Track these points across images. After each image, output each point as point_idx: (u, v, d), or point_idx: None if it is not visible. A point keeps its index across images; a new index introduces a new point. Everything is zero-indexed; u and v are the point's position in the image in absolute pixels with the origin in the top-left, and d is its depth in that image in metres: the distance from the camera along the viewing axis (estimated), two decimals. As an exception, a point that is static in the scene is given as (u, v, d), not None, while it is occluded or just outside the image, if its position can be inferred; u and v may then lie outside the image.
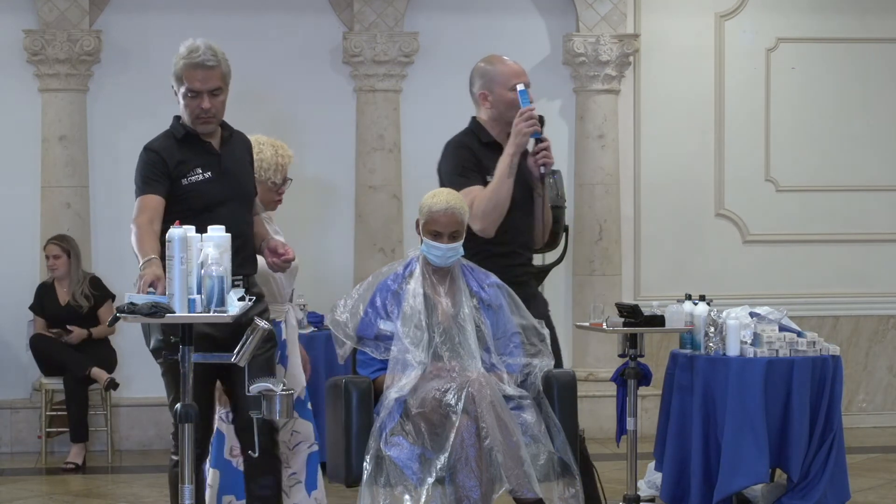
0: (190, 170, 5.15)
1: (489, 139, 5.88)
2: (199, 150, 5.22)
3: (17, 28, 9.35)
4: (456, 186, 5.65)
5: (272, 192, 5.76)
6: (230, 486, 5.63)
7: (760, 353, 6.99)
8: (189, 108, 5.19)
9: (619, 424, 6.92)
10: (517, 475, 5.13)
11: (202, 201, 5.13)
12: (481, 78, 5.88)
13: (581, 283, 9.80)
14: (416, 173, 9.45)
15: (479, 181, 5.74)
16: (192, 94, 5.16)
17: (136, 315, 4.48)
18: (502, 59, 5.93)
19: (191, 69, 5.15)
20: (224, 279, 4.63)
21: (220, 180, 5.20)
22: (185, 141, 5.21)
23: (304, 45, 9.66)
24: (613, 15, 9.82)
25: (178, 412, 4.67)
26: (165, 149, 5.17)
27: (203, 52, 5.16)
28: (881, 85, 10.20)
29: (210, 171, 5.18)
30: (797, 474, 6.99)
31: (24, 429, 9.31)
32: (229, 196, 5.20)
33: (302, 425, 5.76)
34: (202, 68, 5.16)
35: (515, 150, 5.74)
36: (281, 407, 4.86)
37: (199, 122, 5.21)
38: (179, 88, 5.19)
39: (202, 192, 5.15)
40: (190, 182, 5.14)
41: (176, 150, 5.17)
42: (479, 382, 5.23)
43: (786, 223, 10.00)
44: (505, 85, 5.83)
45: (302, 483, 5.70)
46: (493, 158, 5.78)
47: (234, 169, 5.28)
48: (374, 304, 5.52)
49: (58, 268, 8.85)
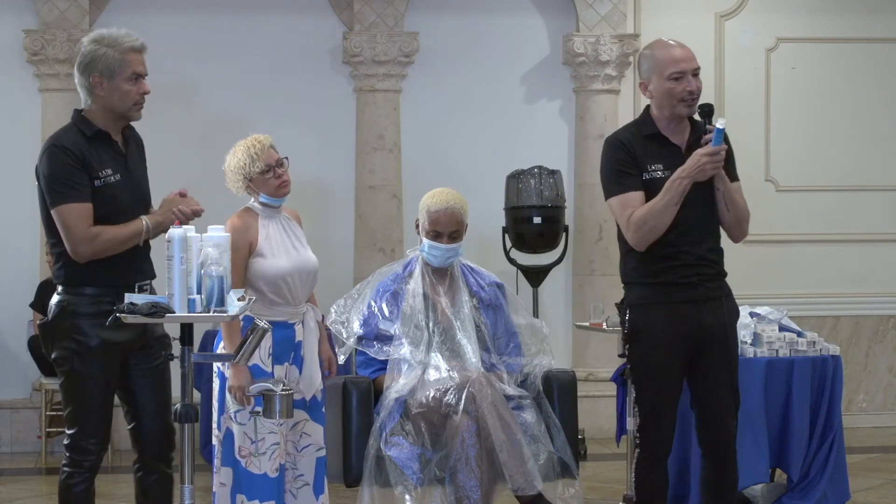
0: (101, 171, 4.93)
1: (653, 131, 5.27)
2: (107, 150, 5.01)
3: (17, 28, 9.36)
4: (611, 193, 5.22)
5: (271, 180, 5.62)
6: (240, 486, 5.63)
7: (760, 353, 6.99)
8: (130, 95, 4.96)
9: (618, 424, 6.91)
10: (521, 473, 5.13)
11: (113, 205, 4.95)
12: (644, 65, 5.27)
13: (581, 283, 9.80)
14: (416, 173, 9.46)
15: (635, 183, 5.19)
16: (135, 79, 4.97)
17: (135, 315, 4.48)
18: (664, 44, 5.27)
19: (135, 52, 4.97)
20: (224, 279, 4.62)
21: (127, 183, 5.02)
22: (94, 139, 4.97)
23: (304, 45, 9.66)
24: (613, 15, 9.82)
25: (179, 412, 4.67)
26: (78, 146, 4.91)
27: (135, 35, 5.01)
28: (881, 85, 10.19)
29: (119, 174, 4.99)
30: (797, 474, 7.00)
31: (24, 429, 9.31)
32: (134, 200, 5.04)
33: (313, 428, 5.65)
34: (143, 51, 5.00)
35: (690, 181, 5.12)
36: (280, 407, 4.86)
37: (136, 108, 5.00)
38: (115, 76, 4.94)
39: (111, 195, 4.95)
40: (102, 183, 4.93)
41: (86, 149, 4.92)
42: (479, 382, 5.23)
43: (786, 223, 10.00)
44: (663, 74, 5.19)
45: (310, 486, 5.67)
46: (656, 153, 5.23)
47: (136, 172, 5.11)
48: (374, 304, 5.51)
49: None
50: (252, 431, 5.51)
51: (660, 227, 5.14)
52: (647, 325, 5.26)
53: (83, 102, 5.07)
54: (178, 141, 9.22)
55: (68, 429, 5.02)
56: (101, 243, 4.89)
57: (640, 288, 5.30)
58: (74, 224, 4.87)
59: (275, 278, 5.53)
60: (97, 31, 5.08)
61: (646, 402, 5.30)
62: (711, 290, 5.27)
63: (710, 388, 5.30)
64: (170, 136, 8.98)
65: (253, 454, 5.51)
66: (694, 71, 5.20)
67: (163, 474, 5.18)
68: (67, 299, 4.96)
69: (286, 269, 5.55)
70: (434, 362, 5.40)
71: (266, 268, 5.54)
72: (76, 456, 4.98)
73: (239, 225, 5.53)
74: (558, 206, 9.21)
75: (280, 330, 5.52)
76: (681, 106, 5.21)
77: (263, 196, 5.61)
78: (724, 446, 5.33)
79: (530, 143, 9.74)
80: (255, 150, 5.58)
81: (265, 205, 5.64)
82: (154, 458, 5.15)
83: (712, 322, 5.24)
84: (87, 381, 4.94)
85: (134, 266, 4.90)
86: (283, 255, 5.59)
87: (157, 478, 5.17)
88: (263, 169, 5.57)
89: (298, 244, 5.69)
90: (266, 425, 5.46)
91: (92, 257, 4.91)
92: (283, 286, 5.56)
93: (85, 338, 4.89)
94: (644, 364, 5.29)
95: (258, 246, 5.55)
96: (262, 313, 5.50)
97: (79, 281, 4.95)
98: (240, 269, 5.49)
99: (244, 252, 5.51)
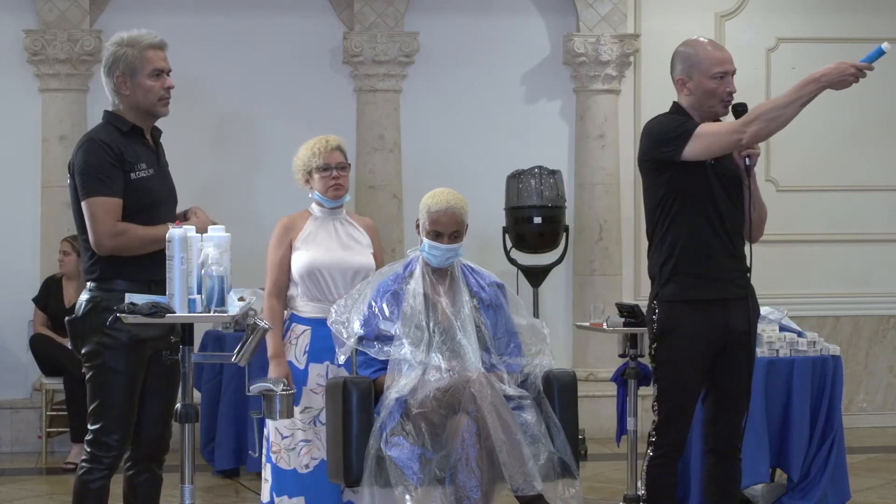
0: (136, 165, 5.03)
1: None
2: (141, 145, 5.11)
3: (17, 28, 9.36)
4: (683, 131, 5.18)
5: (326, 179, 5.78)
6: (275, 481, 5.67)
7: (761, 354, 6.98)
8: (154, 90, 5.05)
9: (619, 424, 6.91)
10: (521, 473, 5.13)
11: (149, 197, 5.05)
12: (682, 62, 5.33)
13: (581, 283, 9.80)
14: (417, 173, 9.46)
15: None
16: (157, 74, 5.05)
17: (136, 315, 4.48)
18: (705, 43, 5.36)
19: (154, 49, 5.06)
20: (224, 279, 4.62)
21: (160, 178, 5.13)
22: (129, 135, 5.07)
23: (304, 45, 9.67)
24: (614, 15, 9.82)
25: (179, 412, 4.67)
26: (115, 141, 5.01)
27: (154, 33, 5.10)
28: (881, 85, 10.18)
29: (152, 168, 5.09)
30: (797, 474, 7.00)
31: (25, 429, 9.32)
32: (166, 195, 5.16)
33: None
34: (163, 48, 5.10)
35: (827, 83, 5.02)
36: (281, 407, 4.86)
37: (161, 103, 5.09)
38: (138, 73, 5.04)
39: (147, 187, 5.04)
40: (138, 177, 5.02)
41: (123, 144, 5.03)
42: (479, 382, 5.22)
43: (786, 223, 10.00)
44: (707, 73, 5.26)
45: None
46: None
47: (166, 169, 5.24)
48: (375, 304, 5.51)
49: (65, 264, 8.89)
50: (283, 427, 5.63)
51: (781, 119, 5.09)
52: (678, 324, 5.28)
53: (111, 105, 5.15)
54: (176, 140, 9.20)
55: (91, 424, 5.03)
56: (124, 240, 4.95)
57: (672, 285, 5.29)
58: (102, 217, 4.95)
59: (308, 269, 5.69)
60: (118, 33, 5.15)
61: (667, 401, 5.31)
62: (740, 289, 5.31)
63: (728, 388, 5.34)
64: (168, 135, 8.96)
65: (284, 450, 5.63)
66: (734, 72, 5.30)
67: (153, 474, 5.21)
68: (99, 295, 5.00)
69: (320, 261, 5.70)
70: (434, 362, 5.39)
71: (298, 258, 5.73)
72: (97, 451, 5.00)
73: (286, 222, 5.84)
74: (558, 206, 9.21)
75: (320, 328, 5.59)
76: (719, 105, 5.29)
77: (317, 194, 5.82)
78: (731, 444, 5.36)
79: (530, 143, 9.74)
80: (319, 146, 5.80)
81: (320, 205, 5.84)
82: (147, 458, 5.17)
83: (739, 322, 5.29)
84: (115, 377, 4.97)
85: (164, 262, 4.92)
86: (322, 250, 5.73)
87: (148, 477, 5.20)
88: (321, 166, 5.76)
89: (352, 243, 5.82)
90: (296, 423, 5.53)
91: (113, 252, 4.97)
92: (319, 279, 5.71)
93: (116, 332, 4.90)
94: (671, 363, 5.30)
95: (296, 242, 5.76)
96: (303, 309, 5.68)
97: (110, 276, 5.00)
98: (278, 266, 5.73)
99: (285, 249, 5.74)
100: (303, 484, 5.63)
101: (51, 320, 8.92)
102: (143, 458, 5.16)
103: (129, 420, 5.04)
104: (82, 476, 5.03)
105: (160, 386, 5.12)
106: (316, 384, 5.65)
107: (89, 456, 5.02)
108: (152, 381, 5.09)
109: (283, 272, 5.72)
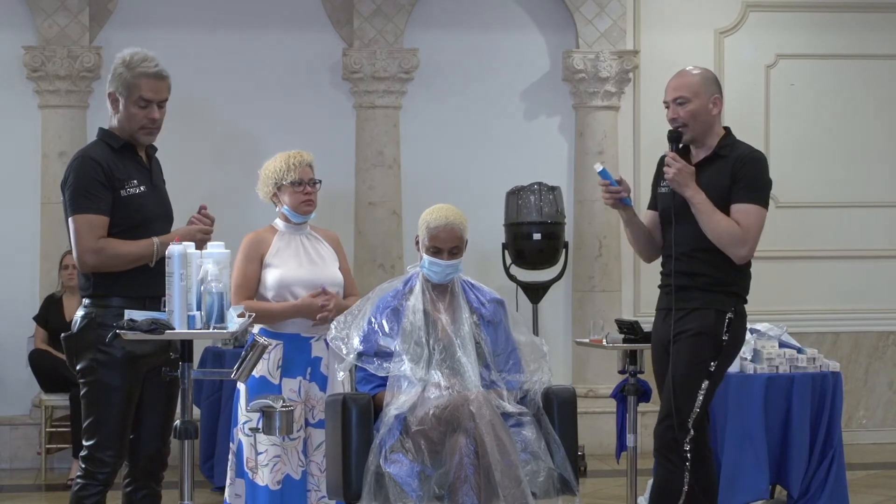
0: (127, 182, 5.04)
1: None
2: (133, 163, 5.12)
3: (17, 44, 9.37)
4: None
5: (298, 194, 5.74)
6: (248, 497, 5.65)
7: (760, 370, 6.99)
8: (136, 118, 5.07)
9: (619, 441, 6.91)
10: (514, 495, 5.13)
11: (141, 214, 5.05)
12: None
13: (581, 299, 9.80)
14: (416, 189, 9.46)
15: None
16: (143, 104, 5.07)
17: (135, 332, 4.48)
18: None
19: (147, 78, 5.06)
20: (224, 295, 4.63)
21: (152, 195, 5.14)
22: (121, 151, 5.09)
23: (303, 61, 9.68)
24: (613, 31, 9.83)
25: (178, 428, 4.67)
26: (106, 159, 5.02)
27: (157, 62, 5.10)
28: (880, 101, 10.21)
29: (143, 186, 5.10)
30: (797, 490, 6.99)
31: (24, 445, 9.31)
32: (159, 213, 5.16)
33: None
34: (158, 78, 5.09)
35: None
36: (280, 423, 4.86)
37: (143, 132, 5.10)
38: (125, 97, 5.07)
39: (138, 205, 5.05)
40: (128, 194, 5.03)
41: (113, 161, 5.04)
42: (478, 402, 5.22)
43: (785, 239, 10.00)
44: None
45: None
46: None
47: (160, 186, 5.24)
48: (375, 320, 5.51)
49: (73, 277, 8.87)
50: (259, 443, 5.58)
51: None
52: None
53: (109, 118, 5.17)
54: (175, 156, 9.21)
55: (86, 440, 5.04)
56: (105, 256, 4.96)
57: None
58: (84, 234, 4.95)
59: (277, 286, 5.66)
60: (128, 49, 5.16)
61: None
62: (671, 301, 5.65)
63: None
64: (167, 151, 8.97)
65: (259, 466, 5.57)
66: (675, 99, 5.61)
67: (152, 491, 5.22)
68: (94, 311, 5.01)
69: (291, 277, 5.66)
70: (434, 380, 5.39)
71: (268, 276, 5.69)
72: (91, 468, 5.00)
73: (253, 238, 5.76)
74: (558, 223, 9.22)
75: (291, 343, 5.59)
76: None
77: (285, 208, 5.76)
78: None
79: (530, 159, 9.75)
80: (293, 161, 5.76)
81: (287, 220, 5.78)
82: (146, 474, 5.17)
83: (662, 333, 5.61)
84: (110, 393, 4.97)
85: (160, 278, 4.91)
86: (292, 266, 5.70)
87: (147, 494, 5.21)
88: (296, 181, 5.71)
89: (319, 260, 5.79)
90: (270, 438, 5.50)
91: (96, 269, 4.98)
92: (287, 296, 5.67)
93: (111, 349, 4.91)
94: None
95: (266, 258, 5.71)
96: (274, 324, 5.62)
97: (105, 292, 5.01)
98: (250, 281, 5.68)
99: (256, 264, 5.70)
100: (275, 501, 5.61)
101: (52, 336, 8.91)
102: (141, 474, 5.17)
103: (124, 436, 5.04)
104: (77, 492, 5.02)
105: (159, 402, 5.12)
106: (289, 399, 5.63)
107: (84, 472, 5.02)
108: (150, 398, 5.09)
109: (252, 288, 5.68)
